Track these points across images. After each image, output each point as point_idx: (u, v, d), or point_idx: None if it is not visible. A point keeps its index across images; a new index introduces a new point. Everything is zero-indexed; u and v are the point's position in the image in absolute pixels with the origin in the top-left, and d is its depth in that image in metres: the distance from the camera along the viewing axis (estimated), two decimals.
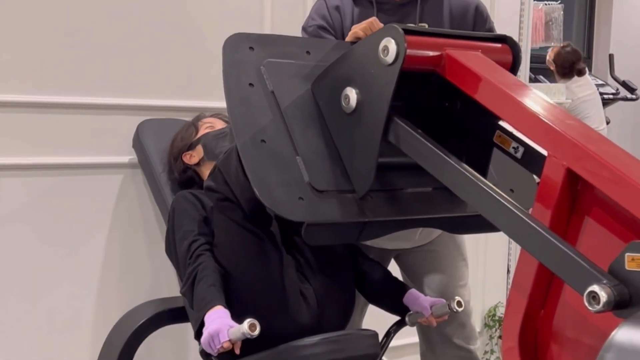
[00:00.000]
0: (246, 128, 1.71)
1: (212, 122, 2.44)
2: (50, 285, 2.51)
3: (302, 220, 1.67)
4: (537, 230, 1.41)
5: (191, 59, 2.69)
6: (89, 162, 2.55)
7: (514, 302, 1.54)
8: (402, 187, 1.82)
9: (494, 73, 1.66)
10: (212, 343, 1.82)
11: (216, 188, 2.03)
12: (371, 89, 1.68)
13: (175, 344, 2.69)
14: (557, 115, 1.55)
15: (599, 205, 1.44)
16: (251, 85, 1.77)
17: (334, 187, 1.72)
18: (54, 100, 2.48)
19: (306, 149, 1.73)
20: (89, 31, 2.52)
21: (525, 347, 1.53)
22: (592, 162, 1.41)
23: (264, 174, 1.66)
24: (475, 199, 1.54)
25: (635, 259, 1.29)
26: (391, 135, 1.68)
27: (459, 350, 2.32)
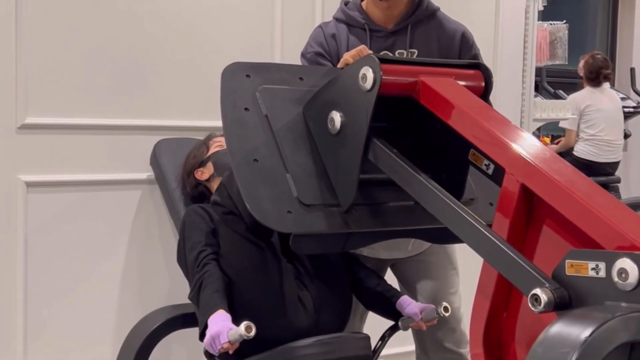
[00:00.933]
0: (240, 149, 1.87)
1: (222, 141, 2.60)
2: (75, 292, 2.70)
3: (289, 231, 1.82)
4: (491, 240, 1.56)
5: (204, 82, 2.86)
6: (110, 179, 2.74)
7: (478, 306, 1.68)
8: (385, 201, 1.96)
9: (462, 98, 1.81)
10: (213, 344, 1.99)
11: (221, 202, 2.20)
12: (353, 112, 1.84)
13: (189, 348, 2.85)
14: (516, 136, 1.70)
15: (551, 216, 1.58)
16: (246, 110, 1.92)
17: (320, 201, 1.86)
18: (78, 122, 2.68)
19: (295, 167, 1.88)
20: (110, 58, 2.72)
21: (490, 349, 1.67)
22: (541, 179, 1.56)
23: (256, 189, 1.82)
24: (441, 213, 1.70)
25: (574, 264, 1.43)
26: (370, 154, 1.83)
27: (450, 354, 2.45)
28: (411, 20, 2.34)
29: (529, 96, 3.71)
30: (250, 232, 2.16)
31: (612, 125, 5.73)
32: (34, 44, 2.59)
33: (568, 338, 1.26)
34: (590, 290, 1.40)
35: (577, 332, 1.26)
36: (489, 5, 3.58)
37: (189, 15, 2.87)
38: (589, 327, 1.26)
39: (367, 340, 2.24)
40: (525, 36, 3.66)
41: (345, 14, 2.38)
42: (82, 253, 2.72)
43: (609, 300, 1.38)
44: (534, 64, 3.73)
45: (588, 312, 1.34)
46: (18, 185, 2.59)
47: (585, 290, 1.41)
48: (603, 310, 1.34)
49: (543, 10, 4.05)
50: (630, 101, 6.43)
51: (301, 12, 3.07)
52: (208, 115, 2.84)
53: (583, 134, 5.73)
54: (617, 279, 1.36)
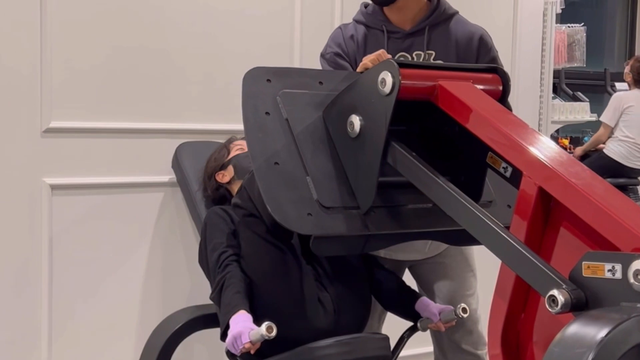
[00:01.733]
0: (261, 152, 1.90)
1: (242, 145, 2.64)
2: (98, 293, 2.74)
3: (310, 233, 1.86)
4: (508, 242, 1.58)
5: (225, 86, 2.90)
6: (133, 182, 2.78)
7: (497, 308, 1.71)
8: (404, 203, 1.99)
9: (480, 102, 1.83)
10: (235, 344, 2.02)
11: (242, 204, 2.24)
12: (372, 116, 1.87)
13: (211, 348, 2.88)
14: (533, 140, 1.72)
15: (568, 218, 1.60)
16: (267, 114, 1.96)
17: (340, 204, 1.90)
18: (102, 125, 2.73)
19: (316, 170, 1.92)
20: (133, 63, 2.77)
21: (508, 349, 1.69)
22: (559, 183, 1.58)
23: (276, 192, 1.85)
24: (460, 216, 1.72)
25: (591, 266, 1.46)
26: (390, 157, 1.86)
27: (467, 356, 2.47)
28: (429, 22, 2.36)
29: (547, 98, 3.73)
30: (271, 234, 2.18)
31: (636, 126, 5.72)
32: (58, 48, 2.63)
33: (584, 338, 1.29)
34: (607, 291, 1.43)
35: (593, 333, 1.28)
36: (507, 8, 3.59)
37: (209, 21, 2.91)
38: (604, 328, 1.28)
39: (387, 340, 2.26)
40: (543, 39, 3.67)
41: (364, 16, 2.41)
42: (106, 254, 2.76)
43: (625, 302, 1.40)
44: (552, 67, 3.75)
45: (604, 313, 1.36)
46: (43, 188, 2.64)
47: (602, 292, 1.44)
48: (619, 311, 1.36)
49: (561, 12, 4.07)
50: None
51: (320, 16, 3.11)
52: (229, 118, 2.87)
53: (619, 133, 5.71)
54: (633, 280, 1.38)
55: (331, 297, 2.26)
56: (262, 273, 2.20)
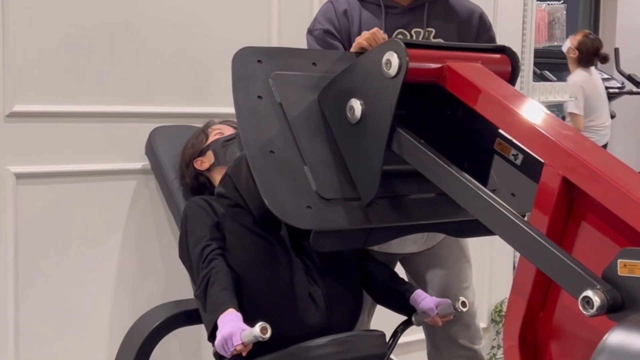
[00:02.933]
0: (255, 139, 1.78)
1: (221, 129, 2.50)
2: (67, 289, 2.58)
3: (310, 228, 1.74)
4: (533, 237, 1.47)
5: (201, 66, 2.75)
6: (103, 169, 2.61)
7: (514, 306, 1.60)
8: (406, 193, 1.88)
9: (492, 84, 1.72)
10: (225, 346, 1.89)
11: (227, 194, 2.10)
12: (375, 100, 1.75)
13: (188, 346, 2.76)
14: (554, 125, 1.61)
15: (594, 211, 1.50)
16: (259, 98, 1.83)
17: (340, 195, 1.78)
18: (69, 109, 2.54)
19: (313, 159, 1.80)
20: (101, 41, 2.59)
21: (525, 347, 1.59)
22: (586, 172, 1.47)
23: (273, 183, 1.73)
24: (475, 208, 1.60)
25: (627, 264, 1.35)
26: (395, 145, 1.74)
27: (464, 350, 2.37)
28: None
29: (528, 78, 3.64)
30: (258, 225, 2.06)
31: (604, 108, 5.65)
32: (21, 27, 2.45)
33: (632, 348, 1.18)
34: None
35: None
36: None
37: None
38: None
39: (383, 337, 2.15)
40: (524, 17, 3.57)
41: None
42: (75, 247, 2.59)
43: None
44: (532, 45, 3.65)
45: None
46: (7, 176, 2.46)
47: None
48: None
49: None
50: (615, 82, 6.39)
51: None
52: (206, 101, 2.74)
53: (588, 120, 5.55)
54: None
55: (322, 292, 2.15)
56: (249, 267, 2.07)
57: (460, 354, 2.37)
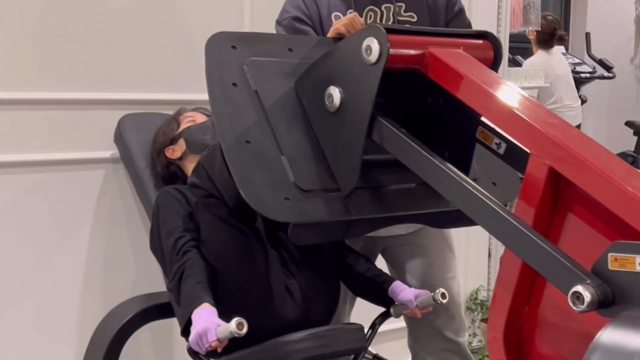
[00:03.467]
0: (231, 129, 1.72)
1: (194, 116, 2.43)
2: (34, 283, 2.50)
3: (289, 220, 1.69)
4: (521, 230, 1.42)
5: (170, 51, 2.67)
6: (70, 158, 2.52)
7: (499, 300, 1.56)
8: (386, 183, 1.83)
9: (475, 71, 1.66)
10: (200, 342, 1.83)
11: (200, 184, 2.03)
12: (355, 88, 1.69)
13: (161, 340, 2.69)
14: (539, 114, 1.57)
15: (581, 203, 1.46)
16: (234, 85, 1.77)
17: (319, 186, 1.73)
18: (35, 97, 2.45)
19: (291, 149, 1.74)
20: (67, 26, 2.49)
21: (509, 341, 1.55)
22: (574, 162, 1.42)
23: (250, 175, 1.67)
24: (459, 198, 1.56)
25: (618, 258, 1.31)
26: (375, 134, 1.69)
27: (448, 344, 2.32)
28: None
29: (503, 64, 3.59)
30: (233, 216, 2.00)
31: (568, 91, 5.62)
32: None
33: (626, 346, 1.14)
34: (638, 287, 1.28)
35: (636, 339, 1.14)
36: None
37: None
38: None
39: (361, 331, 2.10)
40: (499, 1, 3.52)
41: None
42: (41, 240, 2.51)
43: None
44: (508, 30, 3.60)
45: None
46: None
47: (632, 287, 1.29)
48: None
49: None
50: (586, 66, 6.38)
51: None
52: (176, 87, 2.66)
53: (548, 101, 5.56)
54: None
55: (299, 284, 2.09)
56: (224, 259, 2.02)
57: (444, 347, 2.32)
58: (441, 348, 2.32)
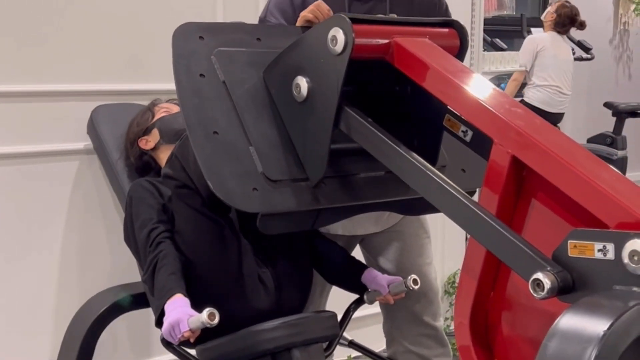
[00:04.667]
0: (198, 120, 1.72)
1: (168, 107, 2.43)
2: (8, 276, 2.50)
3: (257, 211, 1.69)
4: (483, 218, 1.44)
5: (142, 41, 2.66)
6: (43, 150, 2.51)
7: (465, 286, 1.58)
8: (355, 172, 1.84)
9: (440, 60, 1.68)
10: (172, 332, 1.84)
11: (174, 175, 2.03)
12: (321, 78, 1.70)
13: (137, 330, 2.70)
14: (503, 103, 1.58)
15: (544, 190, 1.48)
16: (202, 76, 1.77)
17: (288, 176, 1.74)
18: (4, 89, 2.44)
19: (259, 139, 1.74)
20: (37, 17, 2.48)
21: (476, 324, 1.57)
22: (536, 151, 1.44)
23: (217, 166, 1.68)
24: (423, 187, 1.57)
25: (578, 245, 1.33)
26: (342, 124, 1.70)
27: (426, 328, 2.33)
28: None
29: (478, 48, 3.61)
30: (207, 207, 2.00)
31: (562, 75, 5.65)
32: None
33: (583, 332, 1.16)
34: (597, 273, 1.31)
35: (593, 326, 1.16)
36: None
37: None
38: (605, 320, 1.16)
39: (334, 318, 2.12)
40: None
41: None
42: (17, 231, 2.50)
43: (618, 285, 1.28)
44: (482, 15, 3.61)
45: (601, 300, 1.23)
46: None
47: (591, 273, 1.31)
48: (616, 297, 1.24)
49: None
50: None
51: None
52: (149, 77, 2.65)
53: (536, 78, 5.54)
54: (629, 261, 1.26)
55: (272, 273, 2.11)
56: (197, 250, 2.02)
57: (421, 332, 2.33)
58: (419, 333, 2.33)
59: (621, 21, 7.37)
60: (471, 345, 1.55)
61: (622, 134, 6.04)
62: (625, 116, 6.10)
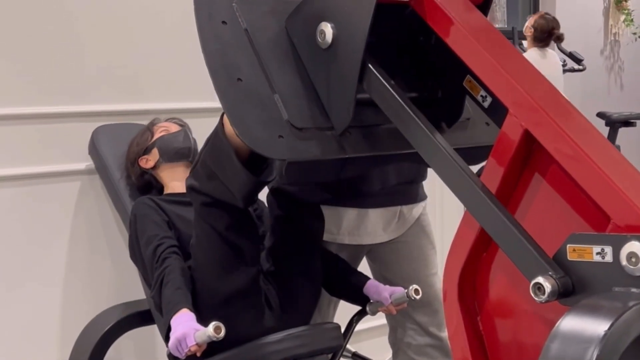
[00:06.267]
0: (221, 66, 1.67)
1: (167, 126, 2.46)
2: (15, 296, 2.51)
3: (283, 157, 1.67)
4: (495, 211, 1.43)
5: (141, 61, 2.68)
6: (45, 171, 2.53)
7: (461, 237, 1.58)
8: (378, 122, 1.78)
9: (466, 17, 1.61)
10: (179, 347, 1.86)
11: (200, 188, 1.99)
12: (347, 23, 1.65)
13: (143, 347, 2.71)
14: (526, 74, 1.53)
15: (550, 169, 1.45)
16: (224, 23, 1.73)
17: (313, 125, 1.69)
18: (5, 112, 2.46)
19: (283, 87, 1.70)
20: (35, 39, 2.50)
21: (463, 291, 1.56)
22: (550, 129, 1.41)
23: (243, 112, 1.64)
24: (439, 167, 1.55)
25: (576, 249, 1.35)
26: (365, 82, 1.65)
27: (431, 339, 2.35)
28: None
29: None
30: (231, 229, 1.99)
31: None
32: None
33: (584, 333, 1.18)
34: (596, 276, 1.32)
35: (594, 326, 1.18)
36: None
37: None
38: (606, 320, 1.18)
39: (338, 330, 2.14)
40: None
41: None
42: (19, 254, 2.51)
43: (616, 287, 1.30)
44: None
45: (601, 302, 1.26)
46: None
47: (590, 276, 1.33)
48: (615, 298, 1.27)
49: None
50: None
51: None
52: (149, 97, 2.67)
53: None
54: (627, 263, 1.28)
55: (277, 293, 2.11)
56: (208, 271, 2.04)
57: (427, 342, 2.35)
58: (424, 344, 2.34)
59: (611, 32, 7.44)
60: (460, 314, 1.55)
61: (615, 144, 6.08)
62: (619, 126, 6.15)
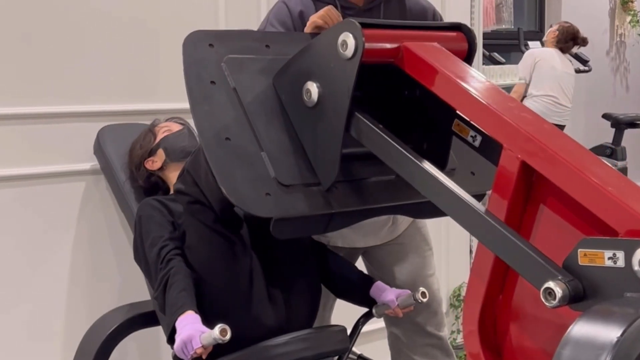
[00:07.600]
0: (210, 127, 1.72)
1: (169, 126, 2.45)
2: (18, 296, 2.50)
3: (270, 215, 1.69)
4: (494, 226, 1.44)
5: (146, 61, 2.68)
6: (50, 171, 2.52)
7: (473, 289, 1.57)
8: (366, 176, 1.84)
9: (449, 65, 1.67)
10: (185, 349, 1.85)
11: (186, 190, 2.04)
12: (332, 82, 1.70)
13: (147, 348, 2.70)
14: (512, 107, 1.57)
15: (553, 195, 1.47)
16: (213, 83, 1.77)
17: (300, 181, 1.74)
18: (11, 112, 2.45)
19: (271, 144, 1.75)
20: (40, 39, 2.50)
21: (485, 331, 1.57)
22: (546, 156, 1.44)
23: (230, 171, 1.68)
24: (433, 194, 1.57)
25: (587, 254, 1.34)
26: (353, 129, 1.70)
27: (430, 338, 2.35)
28: None
29: (478, 62, 3.63)
30: (220, 222, 2.02)
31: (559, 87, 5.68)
32: None
33: (597, 339, 1.17)
34: (607, 281, 1.31)
35: (606, 332, 1.17)
36: None
37: None
38: (618, 327, 1.17)
39: (344, 332, 2.13)
40: (472, 1, 3.56)
41: None
42: (24, 254, 2.51)
43: (629, 292, 1.29)
44: (481, 29, 3.64)
45: (613, 307, 1.24)
46: None
47: (601, 281, 1.32)
48: (627, 304, 1.25)
49: None
50: None
51: None
52: (151, 97, 2.67)
53: (533, 89, 5.57)
54: (639, 268, 1.27)
55: (281, 291, 2.10)
56: (208, 266, 2.03)
57: (426, 342, 2.35)
58: (424, 343, 2.35)
59: (617, 33, 7.42)
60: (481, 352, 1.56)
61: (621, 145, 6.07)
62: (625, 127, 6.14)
